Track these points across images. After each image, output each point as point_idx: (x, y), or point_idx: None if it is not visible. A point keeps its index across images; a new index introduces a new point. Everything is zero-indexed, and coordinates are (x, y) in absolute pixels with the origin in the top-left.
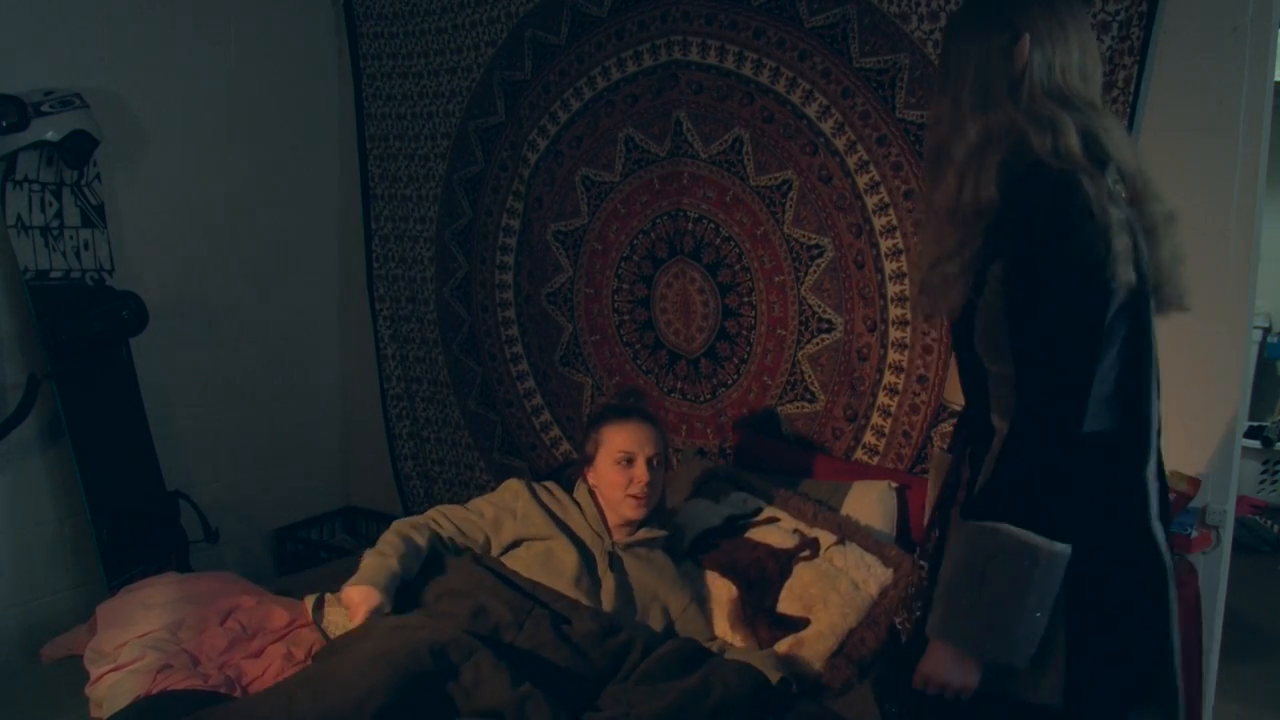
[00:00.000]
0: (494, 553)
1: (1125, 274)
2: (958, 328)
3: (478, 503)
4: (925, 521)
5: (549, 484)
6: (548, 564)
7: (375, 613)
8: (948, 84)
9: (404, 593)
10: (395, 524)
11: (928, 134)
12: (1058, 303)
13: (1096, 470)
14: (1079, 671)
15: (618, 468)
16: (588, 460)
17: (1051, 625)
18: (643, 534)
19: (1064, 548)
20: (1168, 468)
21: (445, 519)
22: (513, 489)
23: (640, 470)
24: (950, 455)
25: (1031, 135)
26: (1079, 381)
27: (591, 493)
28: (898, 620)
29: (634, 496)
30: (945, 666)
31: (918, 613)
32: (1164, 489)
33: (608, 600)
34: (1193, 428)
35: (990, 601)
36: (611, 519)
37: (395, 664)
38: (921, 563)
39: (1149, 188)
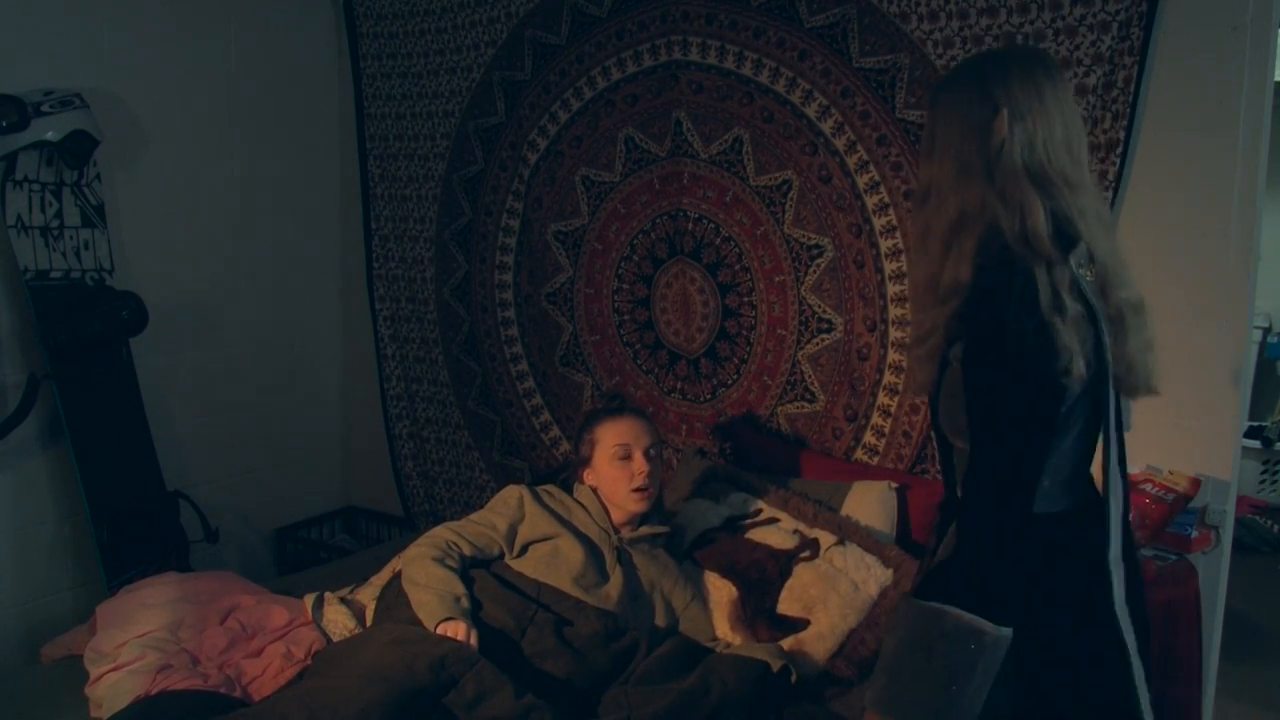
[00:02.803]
0: (507, 561)
1: (1076, 369)
2: (932, 404)
3: (485, 516)
4: None
5: (549, 487)
6: (554, 562)
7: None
8: (933, 154)
9: (403, 595)
10: (422, 551)
11: (914, 204)
12: (1006, 392)
13: (1055, 552)
14: None
15: (617, 463)
16: (584, 462)
17: (998, 704)
18: (646, 529)
19: (1007, 631)
20: (1168, 468)
21: (463, 539)
22: (515, 495)
23: (640, 461)
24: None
25: (1001, 216)
26: (1025, 469)
27: (593, 490)
28: None
29: (637, 489)
30: None
31: None
32: (1135, 570)
33: (615, 595)
34: (1193, 428)
35: (933, 681)
36: (615, 515)
37: (391, 681)
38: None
39: (1119, 275)
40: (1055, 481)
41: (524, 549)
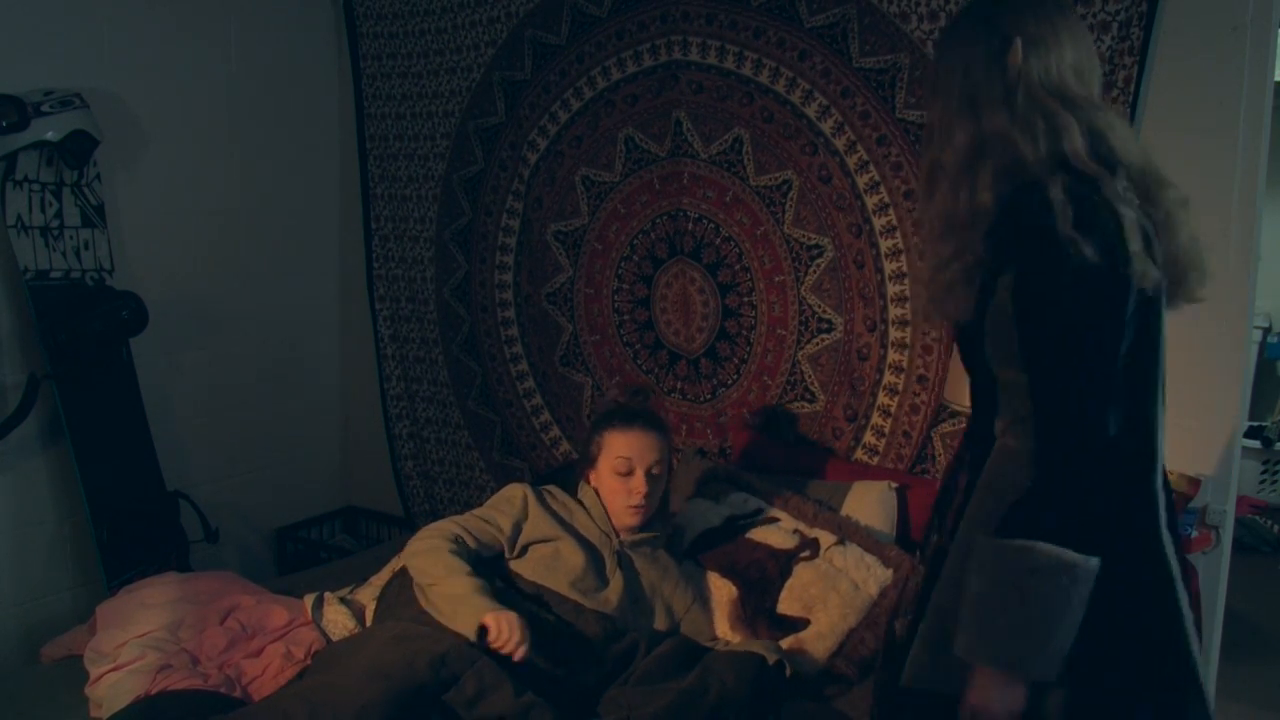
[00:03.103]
0: (507, 559)
1: (1147, 271)
2: (964, 335)
3: (489, 512)
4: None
5: (551, 488)
6: (554, 565)
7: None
8: (937, 93)
9: (403, 594)
10: (434, 544)
11: (923, 144)
12: (1076, 313)
13: (1108, 480)
14: (1084, 687)
15: (617, 476)
16: (590, 463)
17: None
18: (645, 534)
19: (1096, 561)
20: (1167, 467)
21: (468, 533)
22: (518, 494)
23: (638, 482)
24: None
25: (1025, 144)
26: (1103, 391)
27: (596, 492)
28: (898, 625)
29: (631, 507)
30: (994, 694)
31: (909, 616)
32: (1170, 497)
33: (615, 598)
34: (1193, 428)
35: (1029, 620)
36: (614, 519)
37: (391, 678)
38: (920, 566)
39: (1160, 177)
40: (1117, 403)
41: (524, 549)
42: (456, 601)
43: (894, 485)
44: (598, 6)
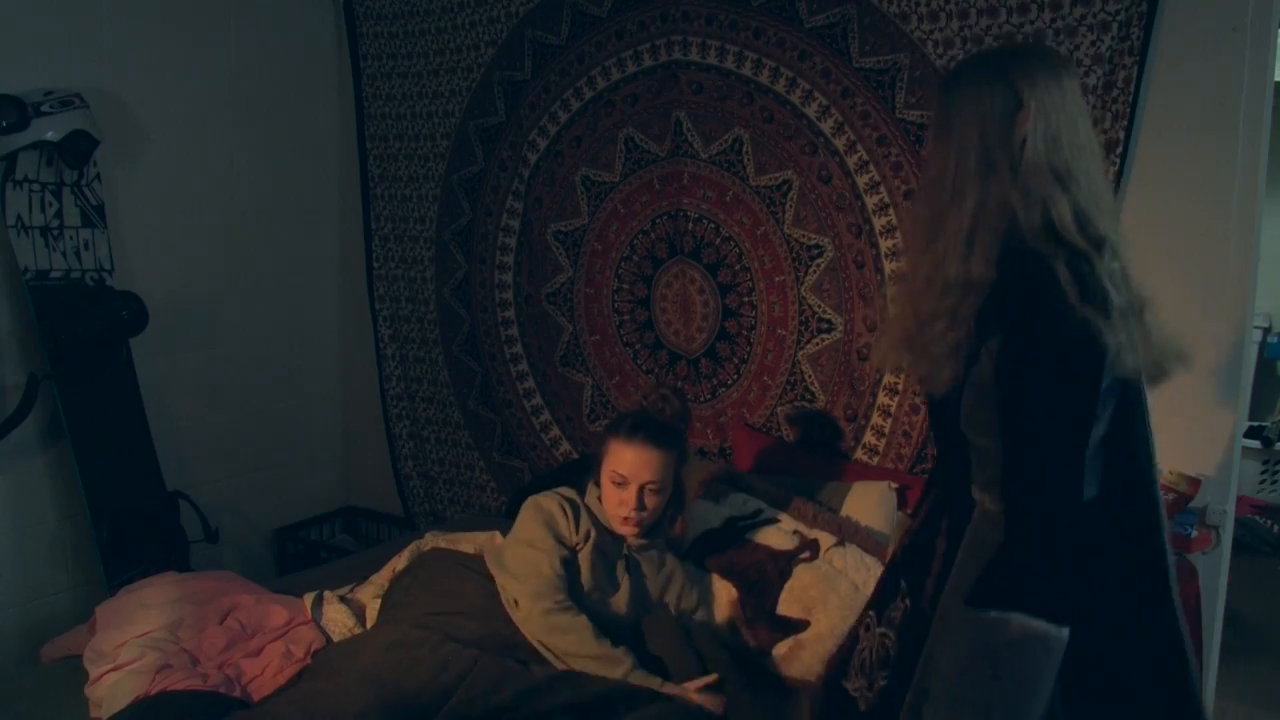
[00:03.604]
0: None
1: (1127, 361)
2: (939, 400)
3: (539, 534)
4: (876, 585)
5: (564, 498)
6: (575, 576)
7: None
8: (950, 143)
9: (410, 595)
10: (555, 617)
11: (922, 190)
12: (1055, 385)
13: (1084, 546)
14: None
15: (612, 485)
16: (597, 463)
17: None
18: (646, 540)
19: (1066, 631)
20: (1167, 467)
21: (547, 575)
22: (544, 503)
23: (630, 495)
24: (910, 519)
25: (1022, 213)
26: (1077, 461)
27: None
28: (851, 687)
29: (622, 517)
30: None
31: (882, 682)
32: (1172, 563)
33: (622, 602)
34: (1193, 428)
35: (1003, 694)
36: (610, 524)
37: (386, 684)
38: (886, 630)
39: (1128, 267)
40: (1093, 471)
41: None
42: (608, 661)
43: (894, 485)
44: (598, 6)
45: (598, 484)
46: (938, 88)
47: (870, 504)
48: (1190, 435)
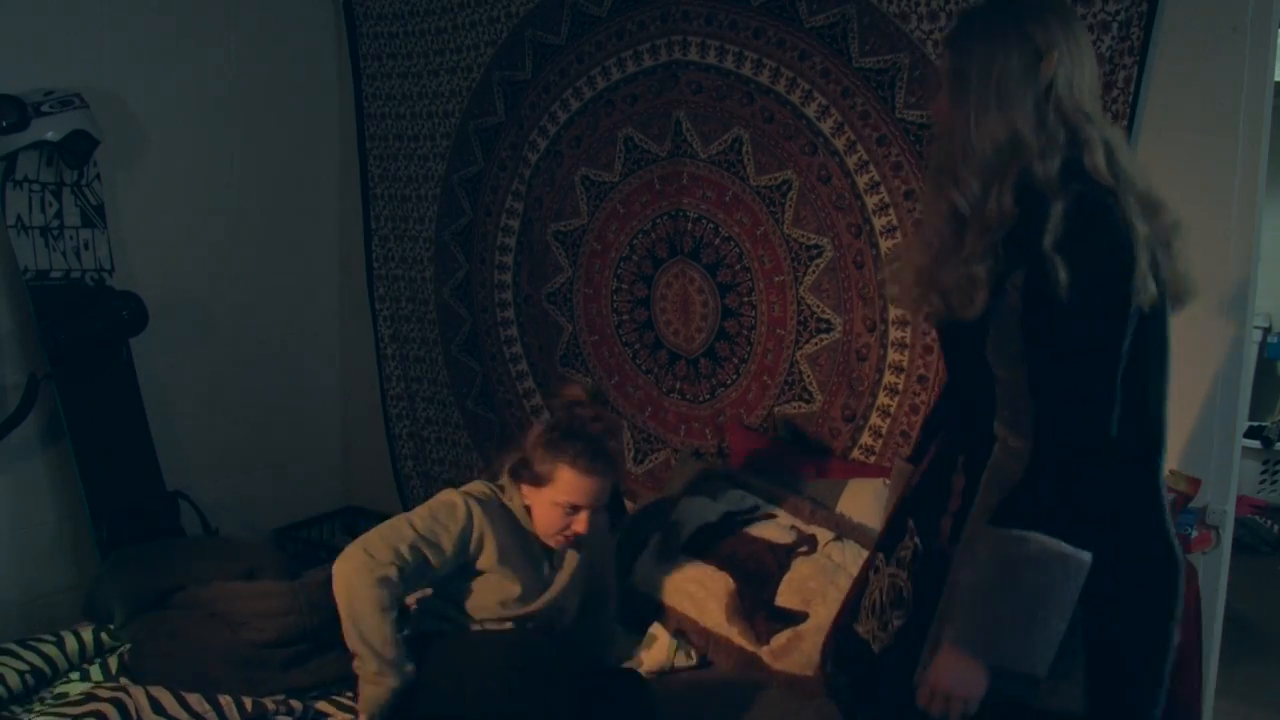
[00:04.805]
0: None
1: (1148, 290)
2: (959, 334)
3: (429, 527)
4: (883, 527)
5: (483, 493)
6: (488, 594)
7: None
8: (966, 90)
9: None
10: (374, 594)
11: (937, 137)
12: (1087, 316)
13: (1113, 477)
14: (1101, 677)
15: (559, 510)
16: (534, 477)
17: (1069, 632)
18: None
19: (1088, 555)
20: (1168, 468)
21: (405, 558)
22: (458, 511)
23: (580, 522)
24: (911, 465)
25: (1047, 153)
26: (1105, 391)
27: (528, 508)
28: (863, 630)
29: (563, 536)
30: (957, 677)
31: (897, 622)
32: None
33: (556, 591)
34: (1193, 428)
35: (1021, 609)
36: (540, 536)
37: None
38: (896, 570)
39: (1157, 198)
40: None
41: (461, 570)
42: (381, 662)
43: (888, 482)
44: (598, 6)
45: (519, 488)
46: (949, 35)
47: (865, 501)
48: (1190, 435)
